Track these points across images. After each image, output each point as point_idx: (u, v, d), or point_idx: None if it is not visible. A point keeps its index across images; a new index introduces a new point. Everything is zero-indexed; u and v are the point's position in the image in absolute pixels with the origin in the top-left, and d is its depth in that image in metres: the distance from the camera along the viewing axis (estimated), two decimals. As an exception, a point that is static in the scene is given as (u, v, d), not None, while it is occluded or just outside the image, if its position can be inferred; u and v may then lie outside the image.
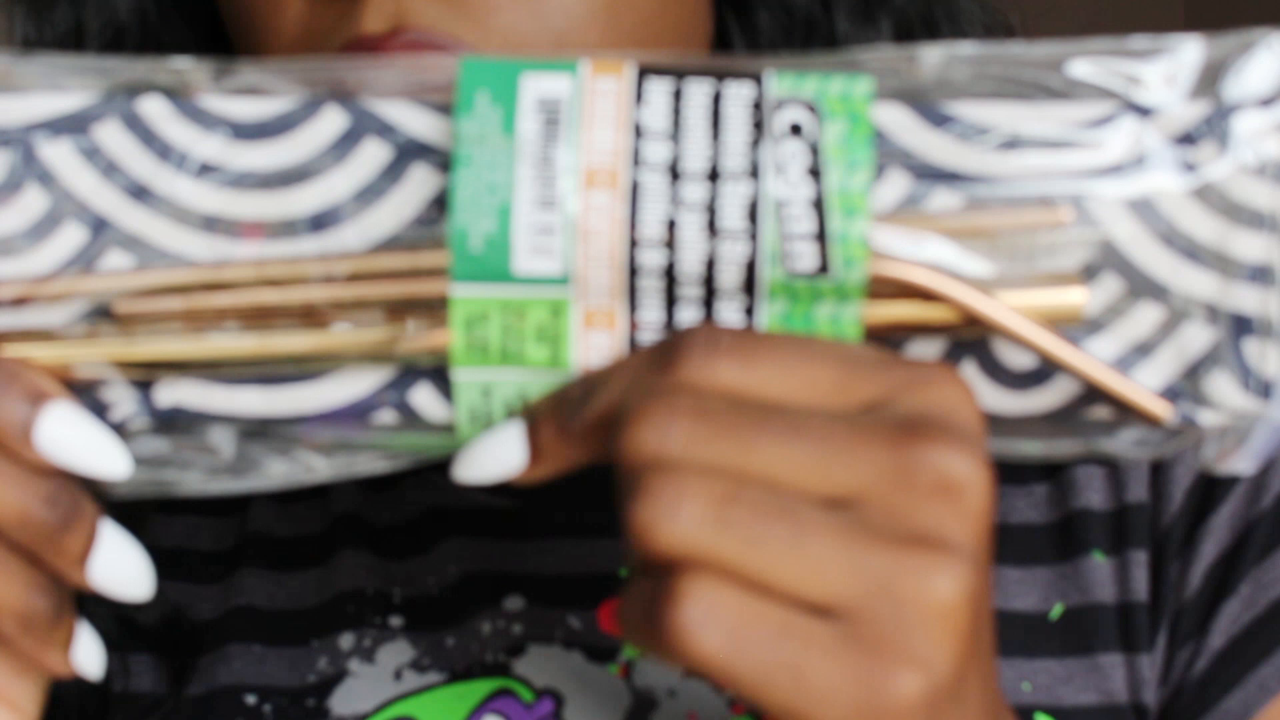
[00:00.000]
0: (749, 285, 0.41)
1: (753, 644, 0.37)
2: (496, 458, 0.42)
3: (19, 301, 0.43)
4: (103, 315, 0.43)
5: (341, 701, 0.58)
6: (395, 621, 0.59)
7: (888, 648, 0.37)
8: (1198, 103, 0.42)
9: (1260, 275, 0.42)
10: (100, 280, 0.43)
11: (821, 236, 0.41)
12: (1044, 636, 0.58)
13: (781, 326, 0.42)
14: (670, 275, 0.41)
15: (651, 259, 0.41)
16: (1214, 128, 0.42)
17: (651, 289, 0.41)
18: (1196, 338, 0.43)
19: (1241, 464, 0.44)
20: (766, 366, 0.39)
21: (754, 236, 0.40)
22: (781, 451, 0.38)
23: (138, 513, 0.61)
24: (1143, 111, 0.42)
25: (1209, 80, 0.42)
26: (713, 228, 0.40)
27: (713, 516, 0.37)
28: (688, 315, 0.41)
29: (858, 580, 0.37)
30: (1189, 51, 0.42)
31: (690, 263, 0.41)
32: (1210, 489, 0.60)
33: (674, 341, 0.40)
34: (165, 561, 0.62)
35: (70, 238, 0.43)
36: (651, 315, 0.42)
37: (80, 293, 0.43)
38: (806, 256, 0.41)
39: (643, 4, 0.54)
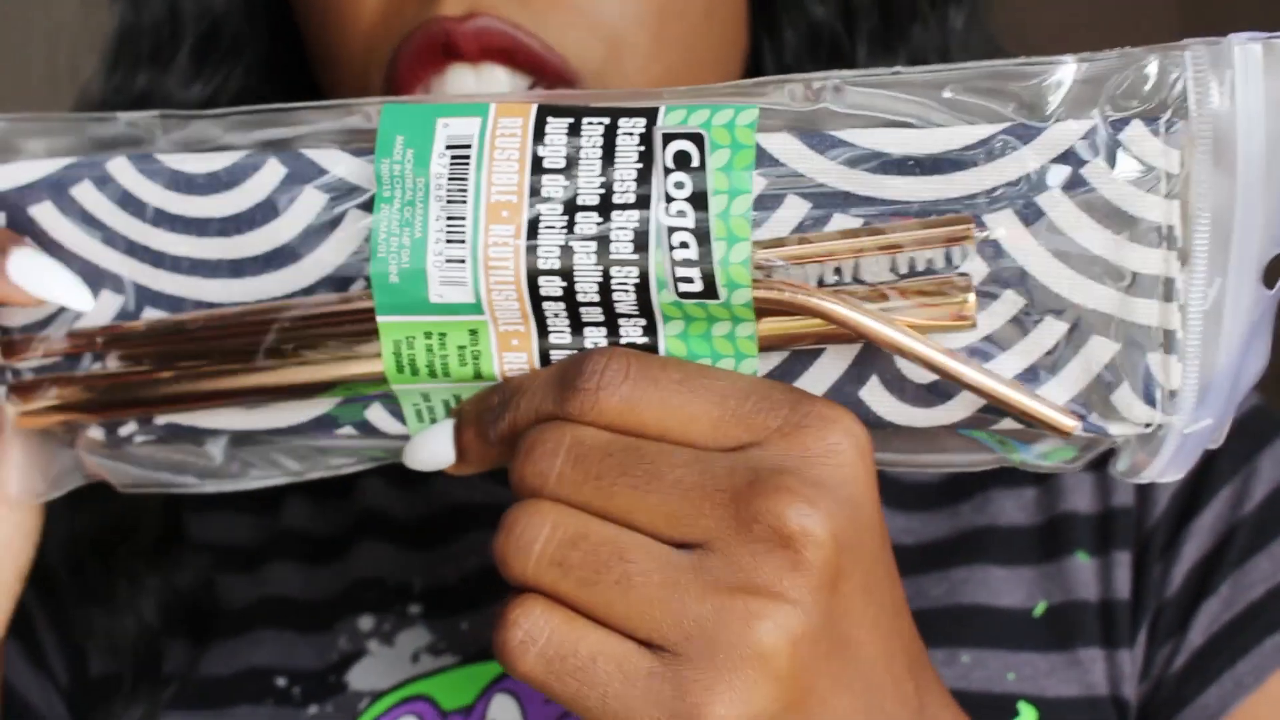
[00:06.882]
0: (644, 309, 0.43)
1: (565, 668, 0.42)
2: (431, 451, 0.47)
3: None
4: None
5: (359, 678, 0.62)
6: (414, 609, 0.63)
7: (698, 685, 0.41)
8: (1086, 121, 0.43)
9: (1158, 288, 0.43)
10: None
11: (706, 261, 0.43)
12: (1027, 631, 0.60)
13: (681, 344, 0.44)
14: (570, 300, 0.44)
15: (551, 286, 0.44)
16: (1103, 144, 0.43)
17: (556, 312, 0.44)
18: (1100, 351, 0.43)
19: (1156, 474, 0.44)
20: (652, 403, 0.43)
21: (643, 263, 0.43)
22: (637, 498, 0.42)
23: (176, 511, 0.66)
24: (1031, 131, 0.43)
25: (1096, 98, 0.43)
26: (605, 255, 0.43)
27: (556, 557, 0.42)
28: (594, 333, 0.44)
29: (679, 623, 0.41)
30: (1072, 71, 0.43)
31: (587, 289, 0.43)
32: (1194, 495, 0.62)
33: (575, 366, 0.43)
34: (203, 554, 0.66)
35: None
36: (560, 337, 0.44)
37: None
38: (693, 281, 0.43)
39: (690, 15, 0.58)
